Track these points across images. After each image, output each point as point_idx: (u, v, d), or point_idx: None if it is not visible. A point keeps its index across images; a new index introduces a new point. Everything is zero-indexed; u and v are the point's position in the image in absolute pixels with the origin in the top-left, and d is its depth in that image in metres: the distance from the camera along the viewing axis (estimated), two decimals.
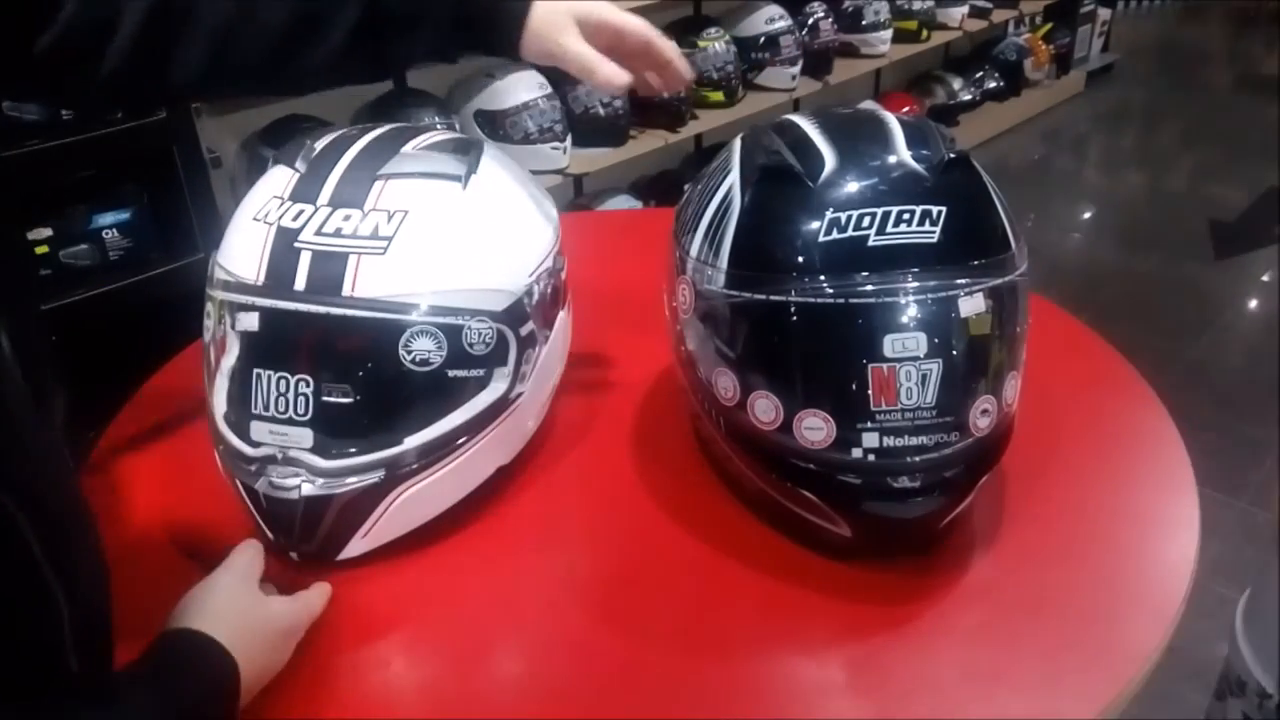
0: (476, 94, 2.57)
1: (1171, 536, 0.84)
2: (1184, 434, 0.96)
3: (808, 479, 0.77)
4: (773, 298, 0.75)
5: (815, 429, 0.75)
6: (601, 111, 2.72)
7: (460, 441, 0.79)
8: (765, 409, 0.78)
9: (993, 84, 4.53)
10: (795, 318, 0.75)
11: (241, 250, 0.77)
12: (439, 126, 2.21)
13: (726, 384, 0.81)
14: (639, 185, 3.21)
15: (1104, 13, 5.31)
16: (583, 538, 0.86)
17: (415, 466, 0.78)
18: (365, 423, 0.76)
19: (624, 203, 3.05)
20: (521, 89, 2.55)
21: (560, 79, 2.66)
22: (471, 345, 0.77)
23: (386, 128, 0.85)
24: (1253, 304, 3.25)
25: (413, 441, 0.77)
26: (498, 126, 2.48)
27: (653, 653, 0.75)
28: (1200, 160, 4.57)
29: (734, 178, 0.82)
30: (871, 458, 0.74)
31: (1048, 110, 4.94)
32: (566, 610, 0.80)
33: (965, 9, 4.09)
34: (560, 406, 0.98)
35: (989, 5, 4.27)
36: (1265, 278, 3.37)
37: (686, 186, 0.94)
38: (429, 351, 0.75)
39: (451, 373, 0.77)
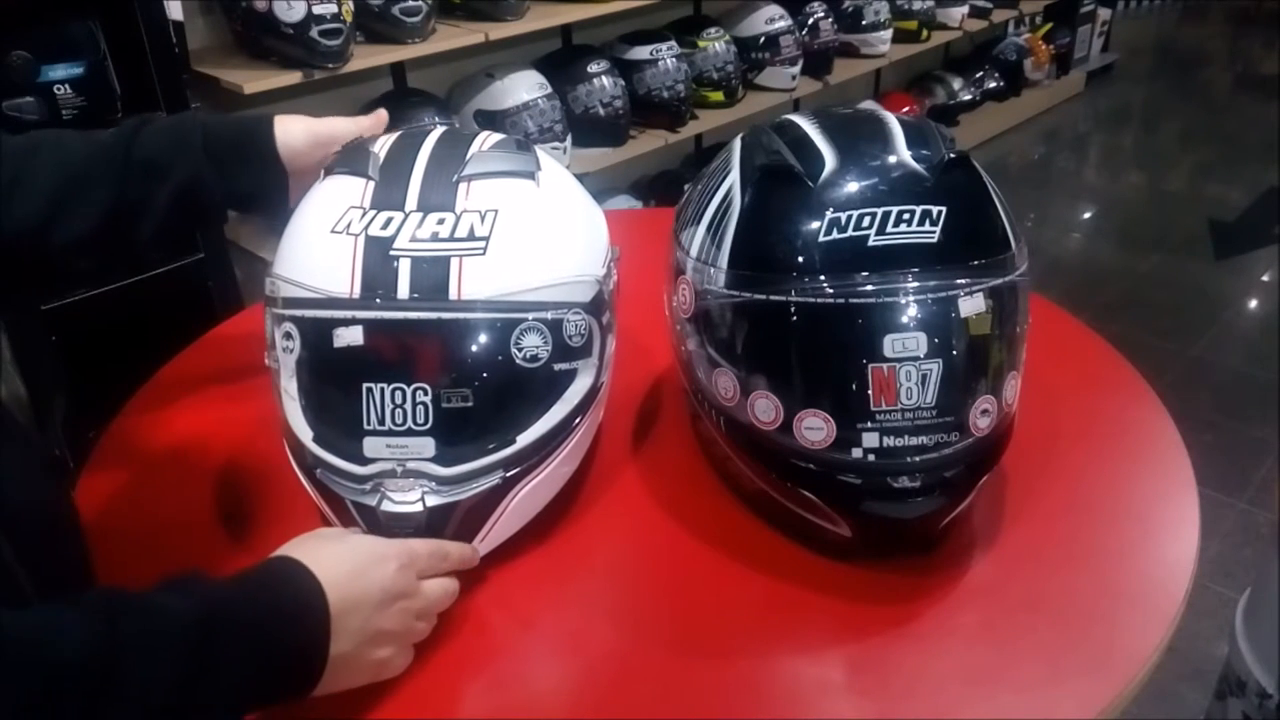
0: (476, 94, 2.57)
1: (1171, 536, 0.84)
2: (1184, 434, 0.96)
3: (808, 479, 0.78)
4: (773, 298, 0.75)
5: (815, 429, 0.75)
6: (601, 111, 2.72)
7: (563, 435, 0.80)
8: (765, 409, 0.78)
9: (993, 84, 4.54)
10: (795, 318, 0.75)
11: (323, 265, 0.74)
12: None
13: (726, 384, 0.81)
14: (639, 185, 3.21)
15: (1104, 13, 5.32)
16: (582, 538, 0.86)
17: (529, 464, 0.78)
18: (483, 425, 0.75)
19: (624, 203, 3.05)
20: (521, 89, 2.55)
21: (560, 80, 2.66)
22: (570, 338, 0.77)
23: (438, 130, 0.85)
24: (1253, 304, 3.25)
25: (525, 439, 0.77)
26: (498, 126, 2.48)
27: (653, 652, 0.75)
28: (1200, 160, 4.57)
29: (734, 178, 0.82)
30: (871, 458, 0.74)
31: (1048, 110, 4.94)
32: (565, 609, 0.80)
33: (965, 9, 4.09)
34: None
35: (989, 5, 4.27)
36: (1265, 278, 3.37)
37: (686, 186, 0.94)
38: (537, 347, 0.75)
39: (556, 366, 0.77)
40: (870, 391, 0.73)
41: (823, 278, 0.73)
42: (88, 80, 1.64)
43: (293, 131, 0.88)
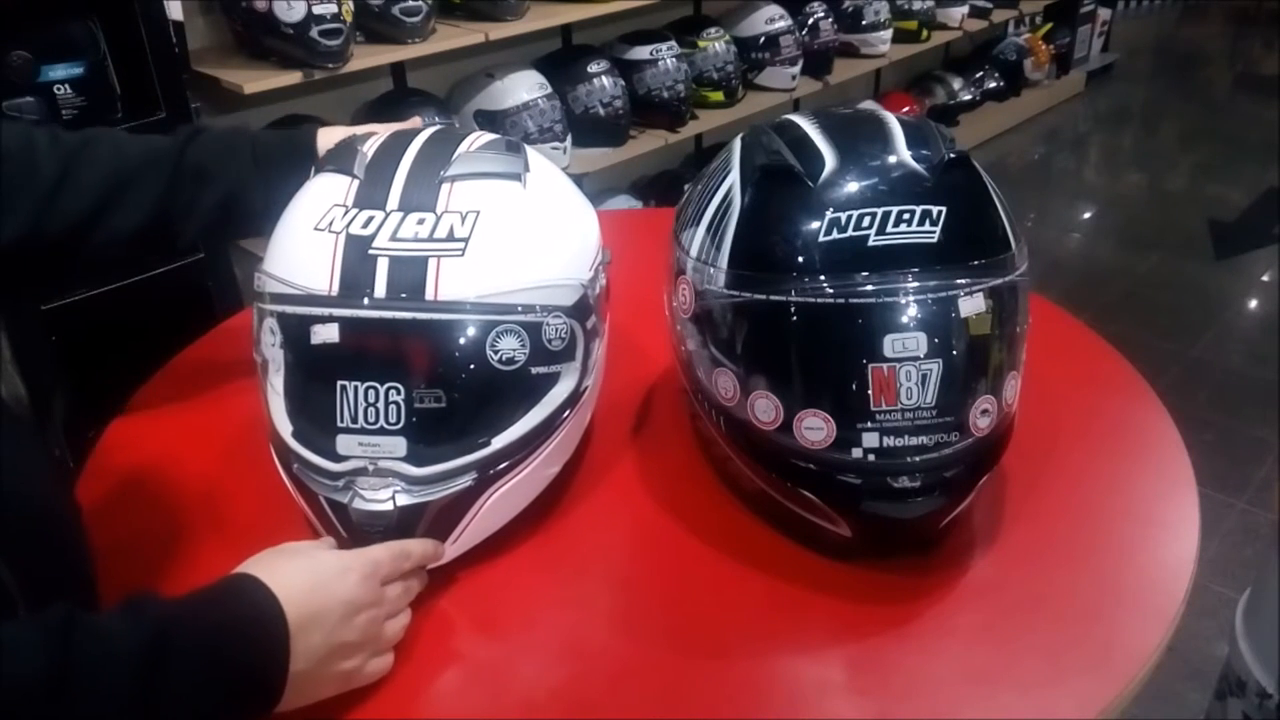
0: (476, 94, 2.57)
1: (1171, 536, 0.84)
2: (1184, 434, 0.96)
3: (808, 479, 0.78)
4: (773, 298, 0.75)
5: (815, 429, 0.75)
6: (601, 111, 2.72)
7: (541, 438, 0.80)
8: (765, 409, 0.78)
9: (993, 84, 4.54)
10: (795, 318, 0.75)
11: (305, 262, 0.74)
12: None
13: (726, 384, 0.81)
14: (639, 185, 3.21)
15: (1104, 13, 5.32)
16: (581, 538, 0.86)
17: (503, 467, 0.77)
18: (456, 426, 0.75)
19: (624, 203, 3.05)
20: (521, 89, 2.55)
21: (560, 80, 2.66)
22: (550, 341, 0.77)
23: (429, 130, 0.85)
24: (1253, 304, 3.25)
25: (500, 442, 0.77)
26: (498, 126, 2.48)
27: (653, 652, 0.75)
28: (1200, 160, 4.57)
29: (734, 177, 0.82)
30: (871, 458, 0.74)
31: (1048, 110, 4.94)
32: (565, 610, 0.80)
33: (965, 9, 4.09)
34: None
35: (989, 5, 4.27)
36: (1265, 278, 3.37)
37: (686, 186, 0.94)
38: (514, 350, 0.75)
39: (534, 370, 0.77)
40: (870, 391, 0.73)
41: (823, 278, 0.73)
42: (88, 80, 1.64)
43: (333, 139, 0.90)
